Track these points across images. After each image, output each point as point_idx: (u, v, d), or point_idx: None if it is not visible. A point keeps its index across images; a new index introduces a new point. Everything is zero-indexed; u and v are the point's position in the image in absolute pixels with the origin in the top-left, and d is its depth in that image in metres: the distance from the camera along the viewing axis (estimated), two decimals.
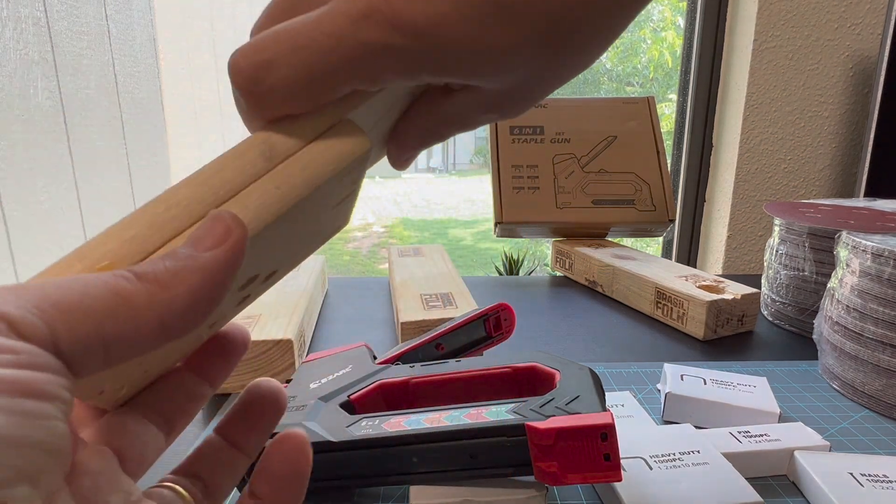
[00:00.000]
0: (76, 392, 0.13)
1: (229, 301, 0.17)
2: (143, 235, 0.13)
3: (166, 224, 0.14)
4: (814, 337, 0.44)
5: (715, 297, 0.50)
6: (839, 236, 0.42)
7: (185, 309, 0.13)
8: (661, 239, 1.21)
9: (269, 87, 0.15)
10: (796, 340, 0.51)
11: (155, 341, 0.12)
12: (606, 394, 0.38)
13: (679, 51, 1.39)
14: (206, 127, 1.78)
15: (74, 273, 0.13)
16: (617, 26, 0.17)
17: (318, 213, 0.17)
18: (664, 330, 0.54)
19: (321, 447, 0.26)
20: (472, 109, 0.19)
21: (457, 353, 0.37)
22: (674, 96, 1.45)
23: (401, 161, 0.21)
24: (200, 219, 0.14)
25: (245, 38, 0.17)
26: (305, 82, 0.15)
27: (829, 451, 0.31)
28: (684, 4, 1.17)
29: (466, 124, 0.20)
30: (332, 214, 0.19)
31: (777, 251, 0.54)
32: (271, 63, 0.15)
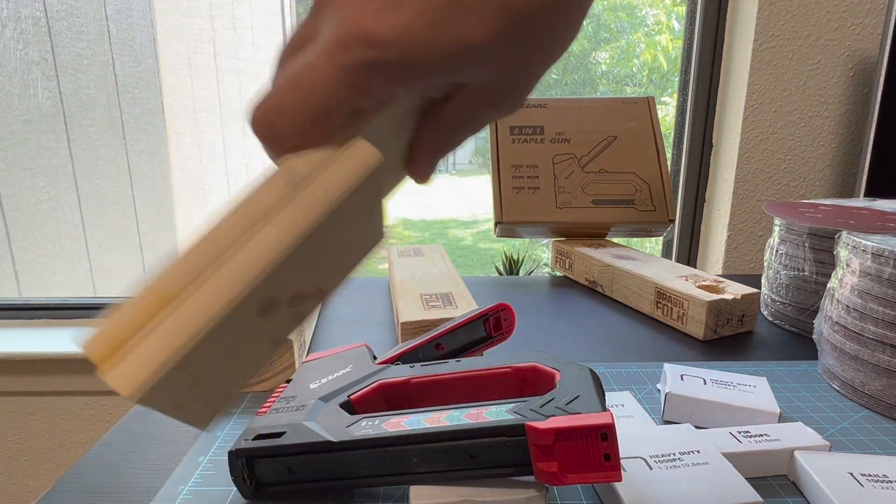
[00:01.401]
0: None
1: (283, 318, 0.19)
2: (198, 264, 0.16)
3: (215, 252, 0.17)
4: (814, 337, 0.44)
5: (715, 297, 0.50)
6: (839, 236, 0.42)
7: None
8: (661, 239, 1.21)
9: (281, 129, 0.18)
10: (796, 340, 0.51)
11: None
12: (606, 394, 0.38)
13: (674, 54, 1.39)
14: (206, 127, 1.78)
15: (153, 303, 0.16)
16: (578, 11, 0.18)
17: (347, 229, 0.19)
18: (664, 330, 0.54)
19: (321, 447, 0.27)
20: (469, 109, 0.20)
21: (457, 353, 0.37)
22: (668, 99, 1.45)
23: (420, 173, 0.22)
24: (238, 241, 0.17)
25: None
26: (310, 117, 0.17)
27: (829, 451, 0.31)
28: (680, 8, 1.17)
29: (470, 125, 0.21)
30: (364, 230, 0.20)
31: (777, 251, 0.54)
32: (278, 109, 0.18)
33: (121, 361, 0.15)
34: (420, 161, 0.22)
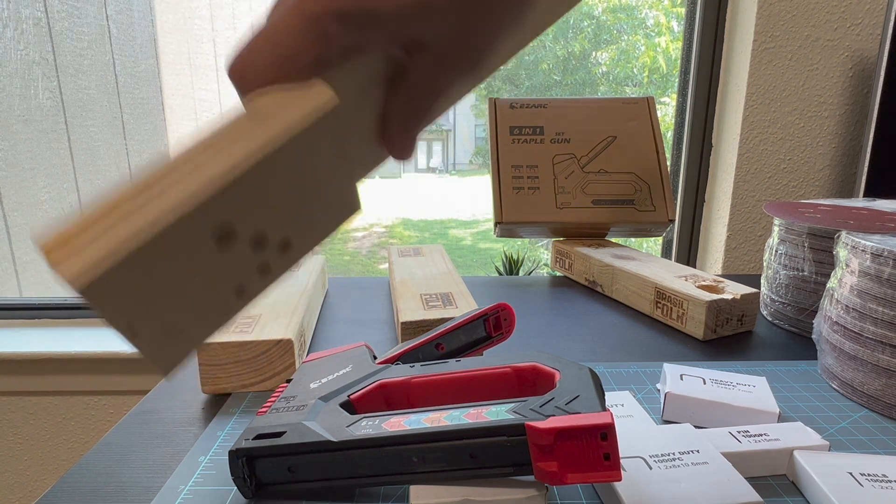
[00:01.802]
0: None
1: (246, 262, 0.19)
2: (155, 183, 0.17)
3: (171, 173, 0.17)
4: (813, 337, 0.44)
5: (715, 297, 0.50)
6: (839, 236, 0.42)
7: None
8: (660, 239, 1.21)
9: (249, 74, 0.19)
10: (796, 340, 0.51)
11: None
12: (606, 394, 0.38)
13: (674, 55, 1.39)
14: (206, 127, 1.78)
15: (107, 212, 0.16)
16: None
17: (312, 178, 0.20)
18: (664, 330, 0.54)
19: (321, 447, 0.27)
20: (430, 69, 0.21)
21: (457, 353, 0.37)
22: (667, 99, 1.44)
23: (395, 144, 0.23)
24: (194, 165, 0.17)
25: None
26: (275, 62, 0.19)
27: (829, 450, 0.31)
28: (679, 10, 1.17)
29: (433, 88, 0.22)
30: (335, 192, 0.21)
31: (777, 251, 0.55)
32: (249, 55, 0.19)
33: (72, 255, 0.16)
34: (392, 131, 0.23)
